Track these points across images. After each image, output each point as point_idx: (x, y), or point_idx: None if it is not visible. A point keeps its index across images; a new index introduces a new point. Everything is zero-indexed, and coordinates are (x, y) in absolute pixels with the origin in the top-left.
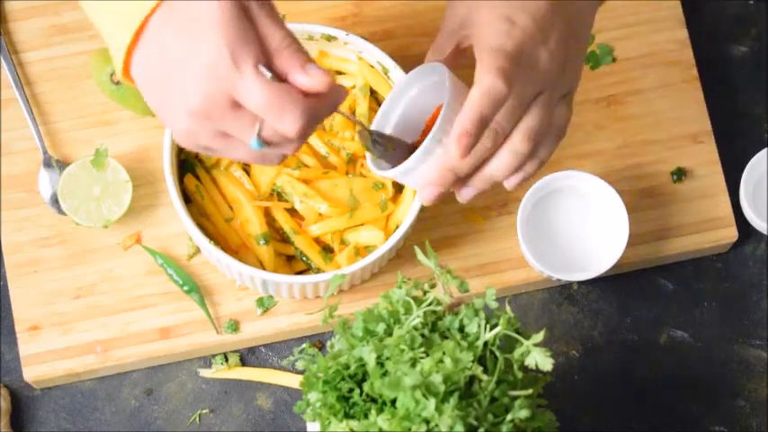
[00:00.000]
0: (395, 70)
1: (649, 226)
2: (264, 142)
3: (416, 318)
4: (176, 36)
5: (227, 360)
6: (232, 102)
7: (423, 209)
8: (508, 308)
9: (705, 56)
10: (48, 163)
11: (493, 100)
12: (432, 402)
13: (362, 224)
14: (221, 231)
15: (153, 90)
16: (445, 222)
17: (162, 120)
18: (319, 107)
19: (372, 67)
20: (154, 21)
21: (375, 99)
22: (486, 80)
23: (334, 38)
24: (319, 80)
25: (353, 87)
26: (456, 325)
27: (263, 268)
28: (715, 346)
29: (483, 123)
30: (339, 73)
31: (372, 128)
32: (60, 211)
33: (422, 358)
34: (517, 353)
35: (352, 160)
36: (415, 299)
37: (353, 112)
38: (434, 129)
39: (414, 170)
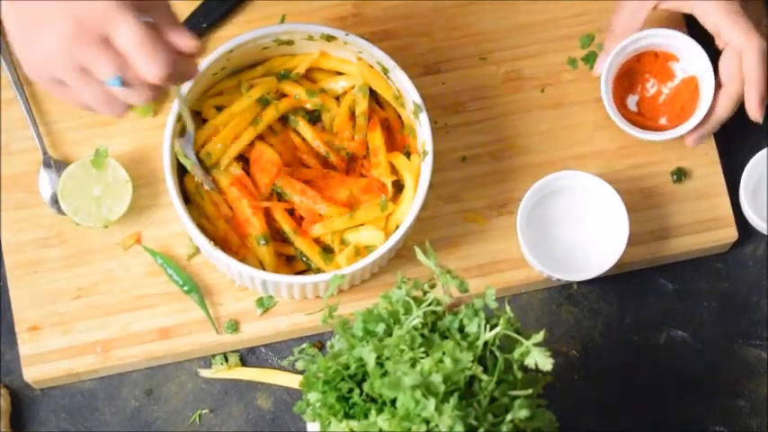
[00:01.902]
0: (395, 70)
1: (649, 226)
2: (125, 83)
3: (416, 318)
4: None
5: (227, 360)
6: (102, 36)
7: (423, 209)
8: (508, 308)
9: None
10: (48, 163)
11: (766, 58)
12: (431, 402)
13: (362, 224)
14: (221, 231)
15: (17, 14)
16: (445, 222)
17: (19, 50)
18: (181, 65)
19: (372, 67)
20: None
21: (375, 99)
22: (757, 43)
23: (334, 38)
24: (189, 41)
25: (353, 88)
26: (456, 325)
27: (263, 268)
28: (715, 346)
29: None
30: (339, 73)
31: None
32: (60, 212)
33: (422, 358)
34: (517, 353)
35: (353, 160)
36: (414, 299)
37: (353, 113)
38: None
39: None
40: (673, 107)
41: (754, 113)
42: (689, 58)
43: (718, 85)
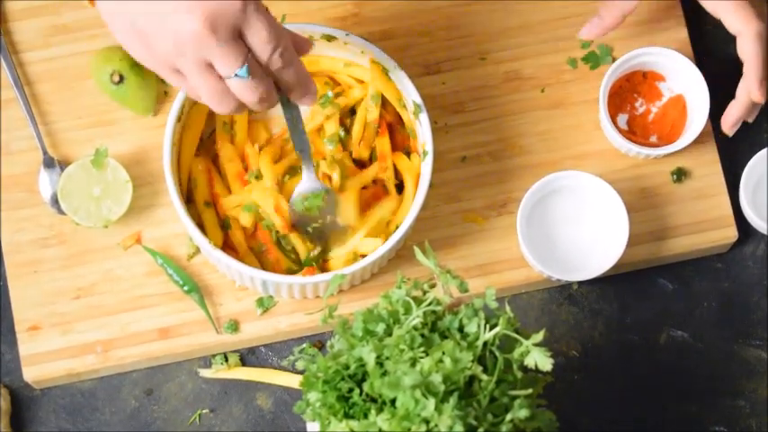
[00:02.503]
0: (395, 70)
1: (649, 226)
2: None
3: (416, 318)
4: None
5: (227, 360)
6: (234, 33)
7: (423, 209)
8: (508, 308)
9: (705, 56)
10: (48, 163)
11: (764, 39)
12: (431, 402)
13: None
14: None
15: (131, 17)
16: (445, 222)
17: (129, 39)
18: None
19: (386, 75)
20: None
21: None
22: (755, 27)
23: (335, 38)
24: (307, 43)
25: (364, 97)
26: (456, 325)
27: (263, 268)
28: (715, 346)
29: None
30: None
31: None
32: (60, 211)
33: (421, 358)
34: (517, 353)
35: (358, 164)
36: (414, 299)
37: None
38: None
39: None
40: (662, 125)
41: (755, 94)
42: (676, 76)
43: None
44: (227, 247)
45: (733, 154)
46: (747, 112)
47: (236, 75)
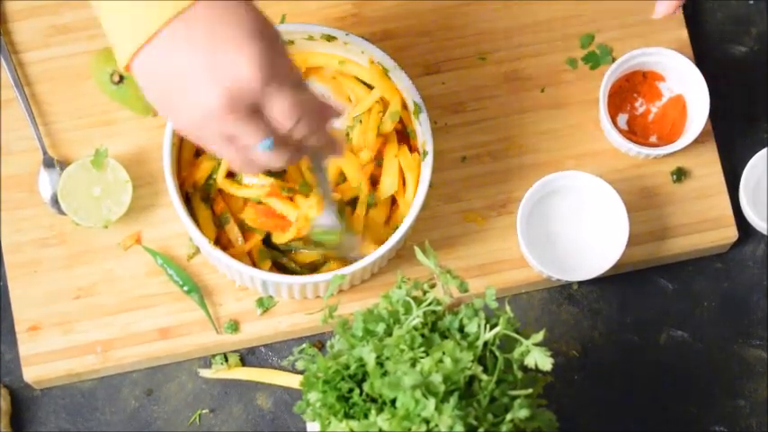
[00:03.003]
0: (395, 70)
1: (649, 226)
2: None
3: (416, 318)
4: (198, 40)
5: (227, 360)
6: (254, 108)
7: (423, 209)
8: (508, 308)
9: (705, 56)
10: (48, 163)
11: None
12: (431, 402)
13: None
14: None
15: (159, 86)
16: (445, 222)
17: (167, 104)
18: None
19: (384, 72)
20: (175, 22)
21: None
22: None
23: (334, 38)
24: (338, 108)
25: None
26: (456, 325)
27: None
28: (715, 346)
29: None
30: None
31: None
32: (60, 211)
33: (422, 358)
34: (517, 353)
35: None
36: (414, 299)
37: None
38: None
39: None
40: (662, 125)
41: (659, 8)
42: (676, 76)
43: None
44: (221, 245)
45: (733, 154)
46: None
47: (259, 147)
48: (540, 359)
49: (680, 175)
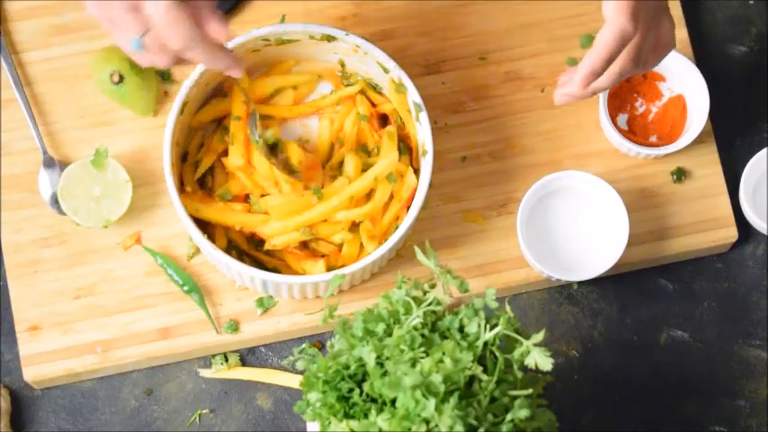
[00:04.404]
0: (395, 70)
1: (649, 226)
2: (143, 46)
3: (416, 318)
4: None
5: (227, 360)
6: (133, 6)
7: (423, 209)
8: (508, 308)
9: (705, 56)
10: (48, 163)
11: (622, 40)
12: (432, 402)
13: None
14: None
15: None
16: (445, 222)
17: None
18: (212, 50)
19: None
20: None
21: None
22: (619, 21)
23: (334, 38)
24: (218, 27)
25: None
26: (456, 325)
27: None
28: (715, 346)
29: (609, 62)
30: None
31: None
32: (60, 211)
33: (422, 358)
34: (517, 353)
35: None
36: (414, 299)
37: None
38: None
39: None
40: (662, 125)
41: (575, 83)
42: (676, 76)
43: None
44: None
45: (733, 154)
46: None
47: (130, 43)
48: (540, 359)
49: (680, 175)
